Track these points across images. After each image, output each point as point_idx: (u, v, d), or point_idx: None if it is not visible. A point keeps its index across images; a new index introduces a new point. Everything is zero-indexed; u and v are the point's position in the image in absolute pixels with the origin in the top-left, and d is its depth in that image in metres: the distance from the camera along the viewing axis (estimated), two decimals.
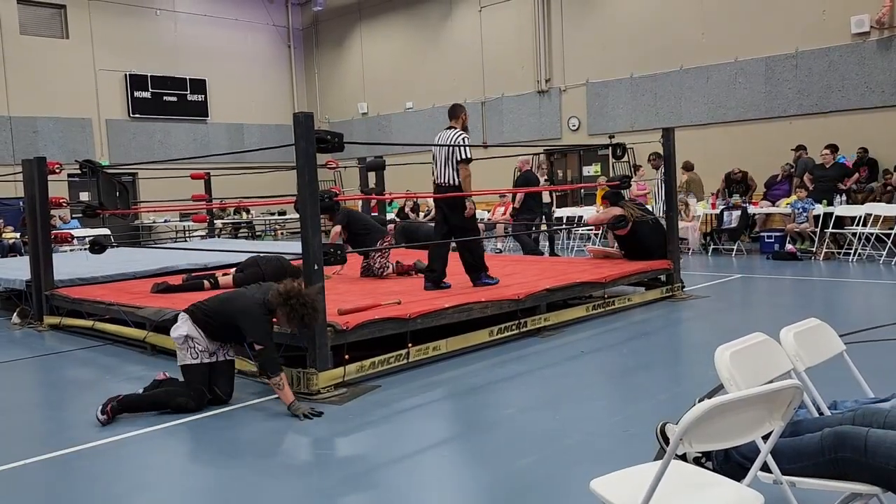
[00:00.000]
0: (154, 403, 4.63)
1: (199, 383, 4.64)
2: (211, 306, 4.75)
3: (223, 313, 4.67)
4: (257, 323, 4.53)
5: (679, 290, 8.24)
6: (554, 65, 17.50)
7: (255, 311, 4.55)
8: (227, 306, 4.69)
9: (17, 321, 8.13)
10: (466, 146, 6.72)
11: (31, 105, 17.75)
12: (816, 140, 13.07)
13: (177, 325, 4.73)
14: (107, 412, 4.46)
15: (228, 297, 4.82)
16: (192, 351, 4.64)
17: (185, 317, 4.73)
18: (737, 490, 2.14)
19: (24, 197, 8.21)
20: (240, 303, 4.66)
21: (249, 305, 4.59)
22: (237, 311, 4.60)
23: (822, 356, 2.80)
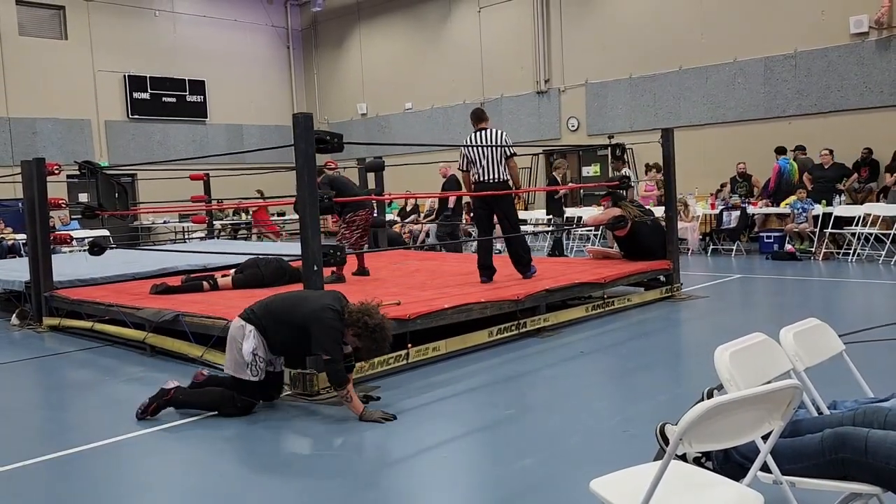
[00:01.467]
0: (207, 405, 4.57)
1: (251, 396, 4.54)
2: (280, 309, 4.53)
3: (295, 316, 4.43)
4: (329, 333, 4.31)
5: (678, 290, 8.25)
6: (553, 65, 17.50)
7: (330, 321, 4.32)
8: (298, 310, 4.46)
9: (16, 322, 8.12)
10: (512, 144, 7.22)
11: (30, 106, 17.74)
12: (815, 140, 13.09)
13: (245, 338, 4.45)
14: (148, 411, 4.48)
15: (299, 300, 4.59)
16: (254, 368, 4.45)
17: (251, 329, 4.48)
18: (737, 490, 2.14)
19: (24, 198, 8.20)
20: (313, 307, 4.41)
21: (325, 314, 4.34)
22: (310, 316, 4.36)
23: (821, 356, 2.80)
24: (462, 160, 7.33)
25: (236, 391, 4.52)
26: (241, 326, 4.52)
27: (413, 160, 15.98)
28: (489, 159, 7.17)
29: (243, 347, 4.45)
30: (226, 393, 4.56)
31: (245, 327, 4.50)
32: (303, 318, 4.41)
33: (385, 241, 11.92)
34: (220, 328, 5.69)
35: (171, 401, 4.54)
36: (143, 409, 4.51)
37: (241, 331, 4.51)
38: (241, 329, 4.51)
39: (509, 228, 7.40)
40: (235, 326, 4.57)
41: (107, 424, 4.58)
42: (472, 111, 7.56)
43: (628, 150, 14.39)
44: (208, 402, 4.58)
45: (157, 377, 5.68)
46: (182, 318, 6.06)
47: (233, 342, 4.53)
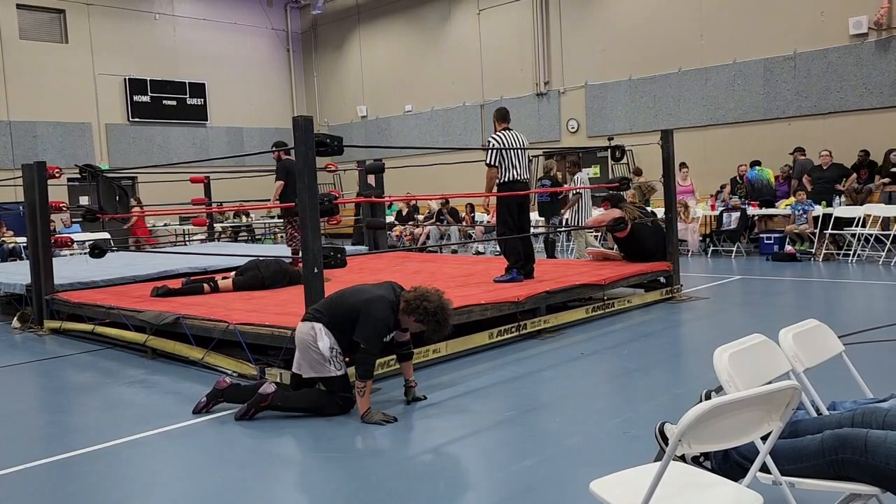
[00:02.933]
0: (308, 408, 4.55)
1: (344, 391, 4.53)
2: (339, 304, 4.54)
3: (350, 308, 4.45)
4: (373, 323, 4.34)
5: (678, 291, 8.25)
6: (553, 67, 17.52)
7: (380, 312, 4.36)
8: (352, 301, 4.49)
9: (17, 325, 8.14)
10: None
11: (31, 110, 17.76)
12: (815, 141, 13.10)
13: (318, 338, 4.45)
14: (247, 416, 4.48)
15: (355, 292, 4.62)
16: (336, 363, 4.47)
17: (321, 326, 4.49)
18: (736, 491, 2.15)
19: (25, 201, 8.21)
20: (366, 297, 4.46)
21: (375, 304, 4.38)
22: (361, 305, 4.40)
23: (821, 357, 2.81)
24: (494, 156, 7.37)
25: (330, 392, 4.52)
26: (309, 327, 4.52)
27: (413, 162, 16.01)
28: (525, 160, 7.49)
29: (320, 347, 4.44)
30: (323, 394, 4.57)
31: (314, 327, 4.50)
32: (354, 307, 4.45)
33: (385, 242, 11.94)
34: (221, 331, 5.71)
35: (269, 405, 4.51)
36: (241, 413, 4.51)
37: (310, 332, 4.50)
38: (311, 329, 4.51)
39: (527, 228, 7.68)
40: (302, 331, 4.55)
41: (108, 427, 4.58)
42: (497, 109, 7.72)
43: (628, 151, 14.44)
44: (309, 404, 4.57)
45: (158, 380, 5.71)
46: (183, 320, 6.07)
47: (305, 347, 4.50)
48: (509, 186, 7.39)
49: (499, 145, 7.36)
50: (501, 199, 7.51)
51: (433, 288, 4.49)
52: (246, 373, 5.41)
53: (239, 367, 5.50)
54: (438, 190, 13.62)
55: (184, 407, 4.90)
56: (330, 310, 4.57)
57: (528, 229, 7.81)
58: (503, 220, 7.55)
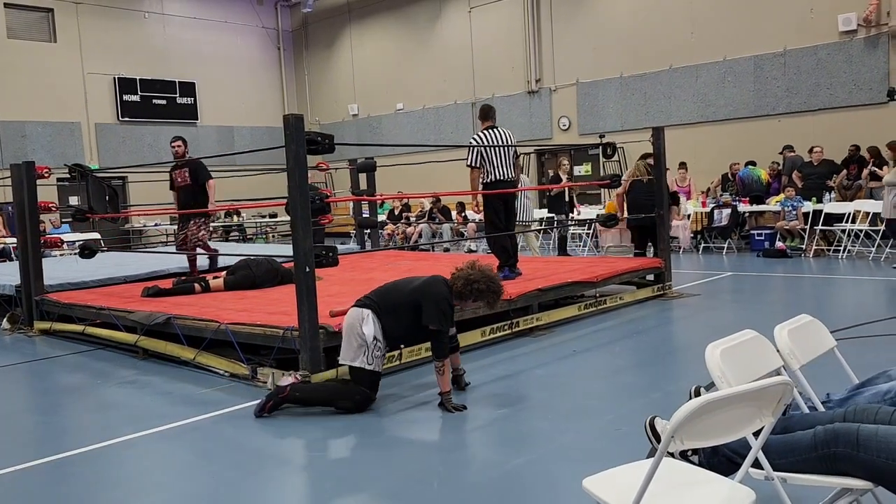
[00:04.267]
0: (324, 400, 4.55)
1: (368, 388, 4.51)
2: (393, 291, 4.59)
3: (407, 295, 4.51)
4: (440, 305, 4.44)
5: (669, 288, 8.28)
6: (544, 65, 17.53)
7: (440, 293, 4.47)
8: (409, 288, 4.56)
9: (7, 326, 8.08)
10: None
11: (20, 109, 17.64)
12: (805, 138, 13.16)
13: (364, 322, 4.46)
14: (266, 409, 4.46)
15: (409, 280, 4.68)
16: (371, 356, 4.45)
17: (369, 313, 4.49)
18: (729, 486, 2.15)
19: (13, 202, 8.16)
20: (424, 282, 4.55)
21: (435, 287, 4.49)
22: (421, 290, 4.49)
23: (814, 353, 2.82)
24: (474, 157, 7.34)
25: (355, 383, 4.52)
26: (359, 312, 4.53)
27: (404, 160, 15.99)
28: (506, 159, 7.42)
29: (364, 332, 4.44)
30: (341, 387, 4.59)
31: (363, 311, 4.51)
32: (413, 293, 4.50)
33: (378, 241, 11.93)
34: (213, 330, 5.69)
35: (287, 398, 4.50)
36: (260, 408, 4.49)
37: (359, 315, 4.50)
38: (360, 313, 4.51)
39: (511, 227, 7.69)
40: (352, 315, 4.55)
41: (100, 428, 4.56)
42: (480, 107, 7.72)
43: (619, 149, 14.44)
44: (325, 397, 4.57)
45: (149, 380, 5.68)
46: (174, 320, 6.05)
47: (351, 329, 4.50)
48: (492, 186, 7.36)
49: (479, 148, 7.31)
50: (486, 200, 7.48)
51: (467, 265, 4.59)
52: (238, 373, 5.39)
53: (231, 367, 5.48)
54: (430, 188, 13.60)
55: (176, 407, 4.89)
56: (383, 298, 4.58)
57: (514, 227, 7.80)
58: (490, 220, 7.56)
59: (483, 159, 7.33)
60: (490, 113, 7.53)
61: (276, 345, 5.23)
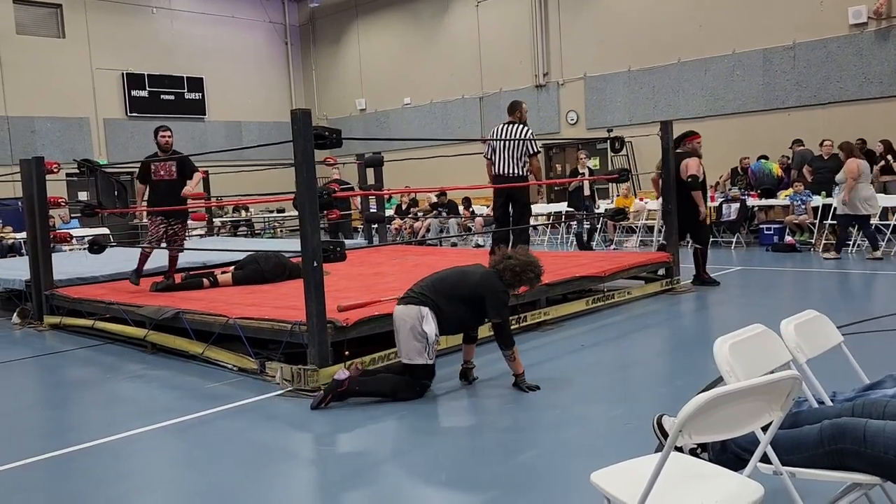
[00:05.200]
0: (385, 392, 4.58)
1: (425, 379, 4.60)
2: (448, 286, 4.63)
3: (464, 290, 4.60)
4: (502, 298, 4.59)
5: (678, 283, 8.25)
6: (552, 59, 17.48)
7: (498, 287, 4.60)
8: (466, 282, 4.65)
9: (17, 321, 8.13)
10: (535, 139, 7.59)
11: (29, 105, 17.72)
12: (815, 132, 13.09)
13: (425, 321, 4.49)
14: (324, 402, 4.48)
15: (461, 274, 4.74)
16: (431, 351, 4.52)
17: (427, 310, 4.52)
18: (738, 481, 2.14)
19: (23, 197, 8.20)
20: (481, 276, 4.66)
21: (493, 281, 4.61)
22: (481, 285, 4.60)
23: (821, 348, 2.80)
24: (487, 149, 7.69)
25: (412, 375, 4.57)
26: (417, 309, 4.54)
27: (412, 155, 15.98)
28: (505, 155, 7.51)
29: (427, 331, 4.48)
30: (401, 378, 4.62)
31: (422, 309, 4.53)
32: (472, 288, 4.60)
33: (385, 235, 11.94)
34: (221, 325, 5.70)
35: (346, 391, 4.51)
36: (318, 401, 4.50)
37: (417, 314, 4.52)
38: (418, 311, 4.53)
39: (520, 219, 7.74)
40: (409, 312, 4.55)
41: (109, 422, 4.58)
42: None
43: (627, 143, 14.41)
44: (386, 389, 4.59)
45: (158, 374, 5.71)
46: (183, 315, 6.07)
47: (411, 328, 4.50)
48: (494, 181, 7.57)
49: (490, 141, 7.53)
50: (493, 194, 7.68)
51: (504, 256, 4.72)
52: (246, 367, 5.41)
53: (239, 361, 5.50)
54: (437, 183, 13.60)
55: (184, 401, 4.91)
56: (439, 294, 4.61)
57: (519, 221, 7.74)
58: (494, 215, 7.73)
59: (491, 153, 7.52)
60: (510, 108, 7.80)
61: (284, 339, 5.24)
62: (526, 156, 7.55)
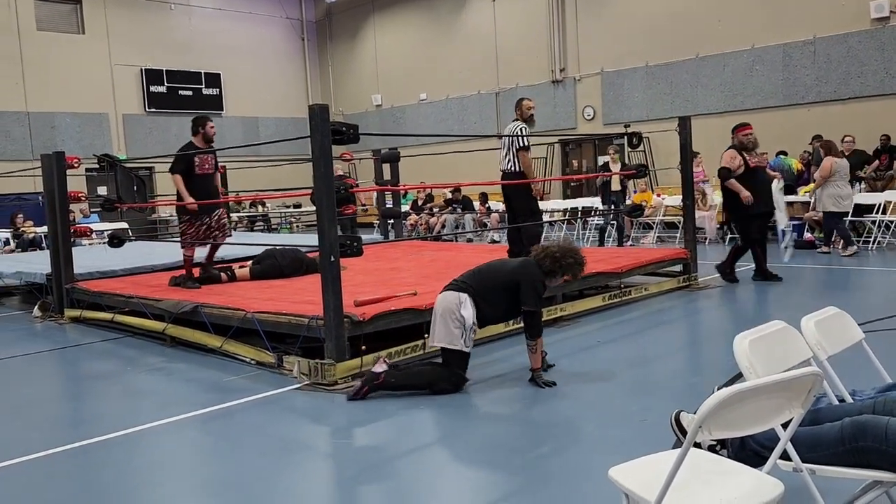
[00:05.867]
0: (421, 385, 4.62)
1: (461, 369, 4.64)
2: (488, 274, 4.71)
3: (503, 277, 4.67)
4: (536, 287, 4.64)
5: (695, 279, 8.21)
6: (568, 54, 17.40)
7: (536, 275, 4.66)
8: (505, 269, 4.73)
9: (38, 314, 8.23)
10: (524, 136, 7.41)
11: (49, 101, 17.89)
12: (835, 128, 12.93)
13: (463, 306, 4.54)
14: (361, 394, 4.52)
15: (501, 263, 4.86)
16: (468, 338, 4.56)
17: (466, 297, 4.58)
18: (757, 477, 2.14)
19: (44, 191, 8.28)
20: (519, 264, 4.75)
21: (531, 269, 4.67)
22: (519, 272, 4.66)
23: (842, 345, 2.78)
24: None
25: (446, 365, 4.61)
26: (455, 296, 4.59)
27: (428, 151, 15.98)
28: (504, 150, 7.60)
29: (464, 315, 4.53)
30: (437, 370, 4.66)
31: (460, 295, 4.59)
32: (510, 275, 4.66)
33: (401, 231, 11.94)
34: (239, 319, 5.74)
35: (382, 384, 4.55)
36: (355, 392, 4.54)
37: (456, 299, 4.57)
38: (457, 298, 4.58)
39: (513, 219, 7.77)
40: (448, 298, 4.61)
41: (128, 414, 4.64)
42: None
43: (645, 138, 14.31)
44: (422, 381, 4.64)
45: (177, 367, 5.76)
46: (201, 309, 6.12)
47: (447, 314, 4.56)
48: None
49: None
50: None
51: (545, 245, 4.83)
52: (264, 361, 5.45)
53: (257, 355, 5.54)
54: (454, 179, 13.59)
55: (203, 394, 4.95)
56: (479, 281, 4.67)
57: (516, 219, 7.72)
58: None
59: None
60: (517, 105, 7.79)
61: (301, 333, 5.27)
62: (514, 150, 7.48)
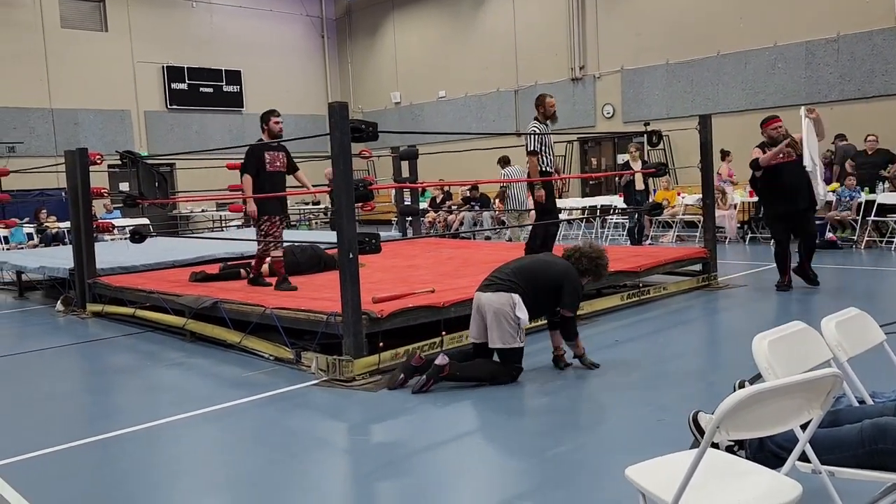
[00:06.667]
0: (483, 377, 4.72)
1: (518, 362, 4.77)
2: (537, 274, 4.80)
3: (550, 278, 4.79)
4: (578, 290, 4.85)
5: (714, 279, 8.15)
6: (588, 52, 17.32)
7: (576, 278, 4.83)
8: (551, 271, 4.84)
9: (61, 309, 8.34)
10: (536, 135, 7.38)
11: (72, 97, 18.10)
12: (858, 126, 12.77)
13: (517, 307, 4.64)
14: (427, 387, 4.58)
15: (545, 263, 4.96)
16: (522, 335, 4.71)
17: (519, 298, 4.68)
18: (775, 479, 2.12)
19: (67, 187, 8.39)
20: (563, 267, 4.87)
21: (572, 272, 4.83)
22: (563, 275, 4.80)
23: (863, 346, 2.75)
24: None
25: (505, 361, 4.73)
26: (508, 297, 4.68)
27: (446, 148, 15.98)
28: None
29: (519, 315, 4.64)
30: (496, 364, 4.77)
31: (513, 296, 4.68)
32: (556, 277, 4.79)
33: (419, 228, 11.97)
34: (258, 315, 5.79)
35: (447, 376, 4.63)
36: (420, 386, 4.60)
37: (509, 300, 4.66)
38: (510, 299, 4.67)
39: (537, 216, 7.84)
40: (500, 299, 4.68)
41: (148, 408, 4.69)
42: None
43: (664, 137, 14.21)
44: (484, 374, 4.74)
45: (196, 362, 5.82)
46: (221, 304, 6.17)
47: (501, 316, 4.64)
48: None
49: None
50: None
51: (576, 246, 5.01)
52: (282, 356, 5.49)
53: (276, 350, 5.58)
54: (472, 176, 13.58)
55: (222, 389, 5.00)
56: (526, 280, 4.76)
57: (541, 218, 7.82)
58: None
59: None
60: (536, 102, 7.85)
61: (319, 329, 5.30)
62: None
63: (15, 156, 16.77)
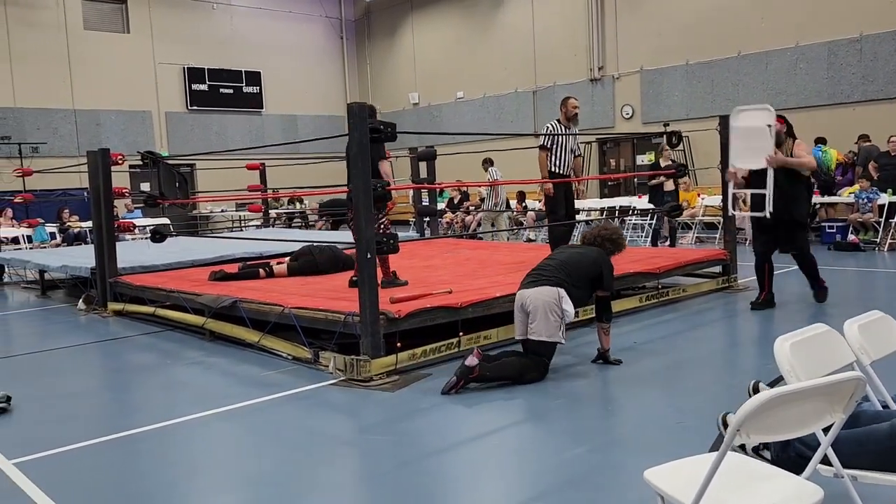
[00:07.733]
0: (512, 376, 4.74)
1: (550, 359, 4.84)
2: (577, 266, 4.92)
3: (588, 268, 4.93)
4: (612, 271, 5.05)
5: (734, 281, 8.08)
6: (607, 52, 17.25)
7: (608, 260, 5.06)
8: (587, 261, 4.98)
9: (82, 307, 8.43)
10: (547, 134, 7.70)
11: (95, 98, 18.30)
12: (881, 127, 12.62)
13: (564, 300, 4.74)
14: (457, 387, 4.60)
15: (580, 255, 5.05)
16: (564, 329, 4.78)
17: (564, 292, 4.76)
18: (796, 483, 2.10)
19: (89, 187, 8.48)
20: (598, 254, 5.03)
21: (604, 256, 5.04)
22: (600, 261, 4.98)
23: (886, 349, 2.72)
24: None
25: (538, 356, 4.78)
26: (554, 291, 4.76)
27: (464, 149, 15.97)
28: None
29: (566, 308, 4.74)
30: (525, 360, 4.80)
31: (559, 291, 4.76)
32: (592, 265, 4.96)
33: (437, 229, 11.97)
34: (277, 314, 5.81)
35: (477, 377, 4.66)
36: (450, 386, 4.61)
37: (556, 294, 4.75)
38: (556, 293, 4.75)
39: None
40: (547, 293, 4.75)
41: (167, 406, 4.73)
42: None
43: (685, 138, 14.12)
44: (513, 372, 4.75)
45: (215, 361, 5.85)
46: (240, 304, 6.21)
47: (548, 308, 4.71)
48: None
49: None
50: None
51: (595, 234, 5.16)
52: (300, 356, 5.51)
53: (294, 350, 5.60)
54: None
55: (240, 388, 5.03)
56: (568, 274, 4.86)
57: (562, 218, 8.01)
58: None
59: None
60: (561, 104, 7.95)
61: (337, 329, 5.32)
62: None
63: (38, 156, 17.00)
